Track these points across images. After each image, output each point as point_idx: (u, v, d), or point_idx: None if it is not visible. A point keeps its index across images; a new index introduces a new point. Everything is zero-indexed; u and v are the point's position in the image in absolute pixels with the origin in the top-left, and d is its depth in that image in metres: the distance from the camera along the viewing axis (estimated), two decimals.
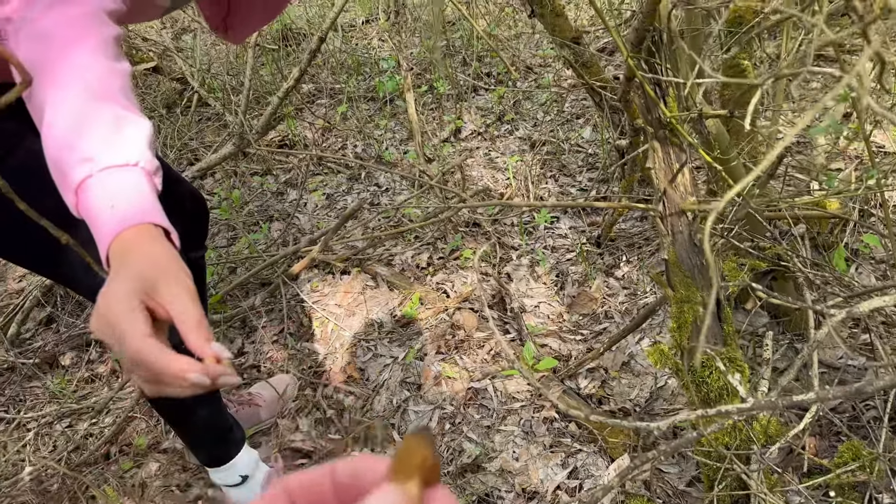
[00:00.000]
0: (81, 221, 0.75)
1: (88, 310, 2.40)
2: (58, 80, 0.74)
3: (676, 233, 1.24)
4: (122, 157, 0.72)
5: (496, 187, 2.63)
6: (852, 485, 1.26)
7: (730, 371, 1.05)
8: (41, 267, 1.25)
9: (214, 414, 1.47)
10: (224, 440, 1.50)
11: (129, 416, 1.94)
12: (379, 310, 2.17)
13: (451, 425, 1.76)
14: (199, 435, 1.48)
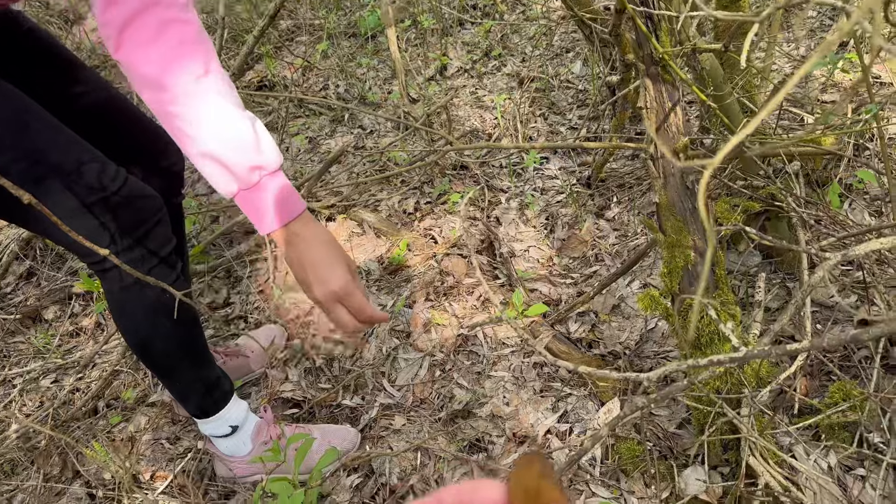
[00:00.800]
0: (49, 179, 1.08)
1: (70, 262, 2.35)
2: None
3: (668, 175, 1.19)
4: (275, 161, 0.97)
5: (484, 127, 2.56)
6: (842, 425, 1.26)
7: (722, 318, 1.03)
8: (15, 218, 1.22)
9: (202, 365, 1.45)
10: (212, 392, 1.48)
11: (116, 370, 1.92)
12: (366, 257, 2.13)
13: (441, 372, 1.75)
14: (186, 387, 1.46)
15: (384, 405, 1.70)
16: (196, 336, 1.42)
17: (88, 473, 1.65)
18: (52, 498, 1.64)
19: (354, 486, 1.55)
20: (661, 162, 1.19)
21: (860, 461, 1.26)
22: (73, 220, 1.14)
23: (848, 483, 1.23)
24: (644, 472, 1.37)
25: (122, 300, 1.31)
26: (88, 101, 1.33)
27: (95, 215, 1.16)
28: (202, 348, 1.46)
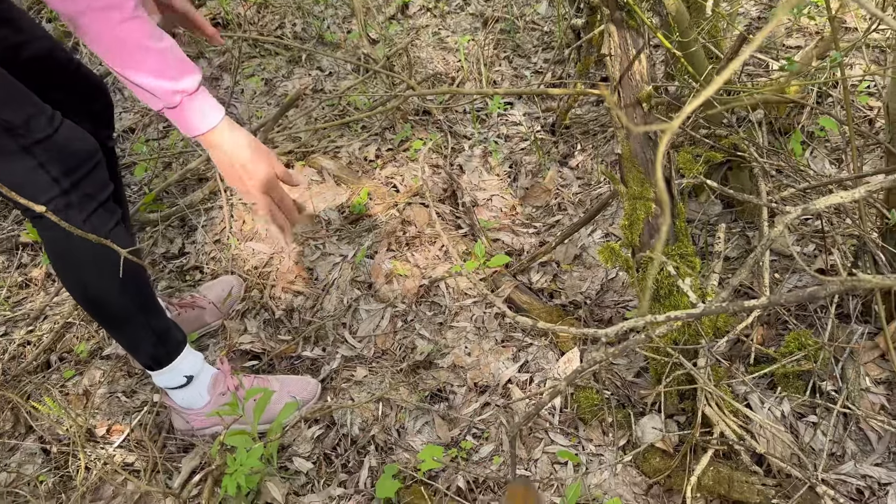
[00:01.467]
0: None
1: (16, 213, 2.25)
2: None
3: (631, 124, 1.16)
4: (192, 85, 1.05)
5: (447, 70, 2.49)
6: (797, 374, 1.28)
7: (681, 274, 1.02)
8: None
9: (150, 314, 1.42)
10: (163, 342, 1.45)
11: (68, 323, 1.86)
12: (325, 206, 2.08)
13: (403, 323, 1.73)
14: (136, 337, 1.43)
15: (346, 357, 1.69)
16: (142, 284, 1.39)
17: (42, 429, 1.62)
18: (4, 454, 1.60)
19: (315, 437, 1.54)
20: (624, 111, 1.16)
21: (812, 409, 1.29)
22: (12, 162, 1.14)
23: (800, 430, 1.26)
24: (602, 420, 1.38)
25: (64, 249, 1.27)
26: (30, 50, 1.29)
27: (35, 156, 1.16)
28: (150, 297, 1.42)
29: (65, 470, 1.56)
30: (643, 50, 1.11)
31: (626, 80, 1.14)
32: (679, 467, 1.24)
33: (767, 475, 1.19)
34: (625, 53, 1.13)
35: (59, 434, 1.61)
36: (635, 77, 1.14)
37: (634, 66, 1.13)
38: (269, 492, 1.44)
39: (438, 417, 1.52)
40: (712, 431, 1.20)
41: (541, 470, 1.36)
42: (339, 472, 1.47)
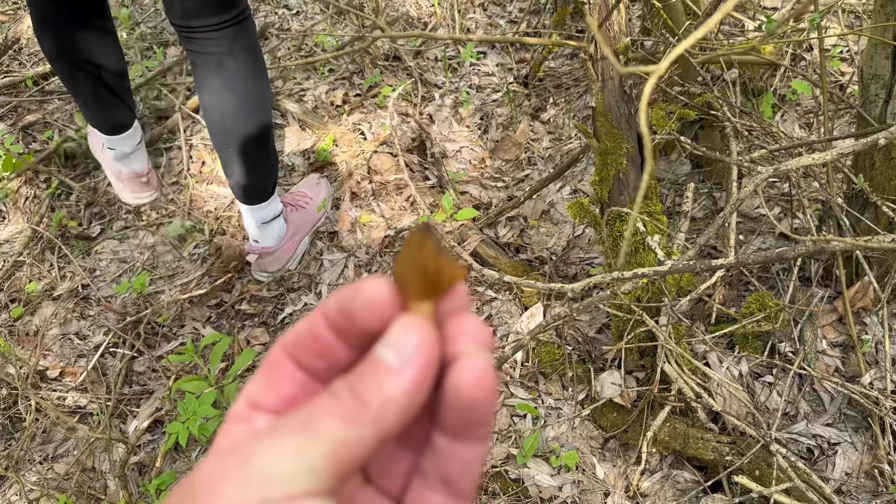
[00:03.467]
0: None
1: None
2: None
3: (607, 79, 1.14)
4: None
5: (419, 15, 2.41)
6: (756, 334, 1.30)
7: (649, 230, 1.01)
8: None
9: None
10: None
11: (18, 261, 1.79)
12: (290, 151, 2.02)
13: (366, 273, 1.71)
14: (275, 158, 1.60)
15: (308, 304, 1.66)
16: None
17: None
18: None
19: None
20: (600, 64, 1.13)
21: (769, 369, 1.31)
22: None
23: (756, 389, 1.28)
24: (562, 374, 1.39)
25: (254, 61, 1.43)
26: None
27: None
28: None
29: (14, 411, 1.52)
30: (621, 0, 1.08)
31: (603, 31, 1.11)
32: (636, 422, 1.25)
33: (722, 433, 1.21)
34: (604, 2, 1.09)
35: (8, 375, 1.57)
36: (613, 28, 1.10)
37: (613, 16, 1.09)
38: None
39: None
40: (670, 388, 1.22)
41: (500, 422, 1.37)
42: None
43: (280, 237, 1.66)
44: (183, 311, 1.68)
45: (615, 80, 1.12)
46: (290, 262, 1.72)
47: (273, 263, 1.69)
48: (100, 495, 1.39)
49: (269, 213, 1.62)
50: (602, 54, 1.11)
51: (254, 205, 1.59)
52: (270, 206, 1.61)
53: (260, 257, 1.68)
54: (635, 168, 1.17)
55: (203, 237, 1.84)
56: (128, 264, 1.81)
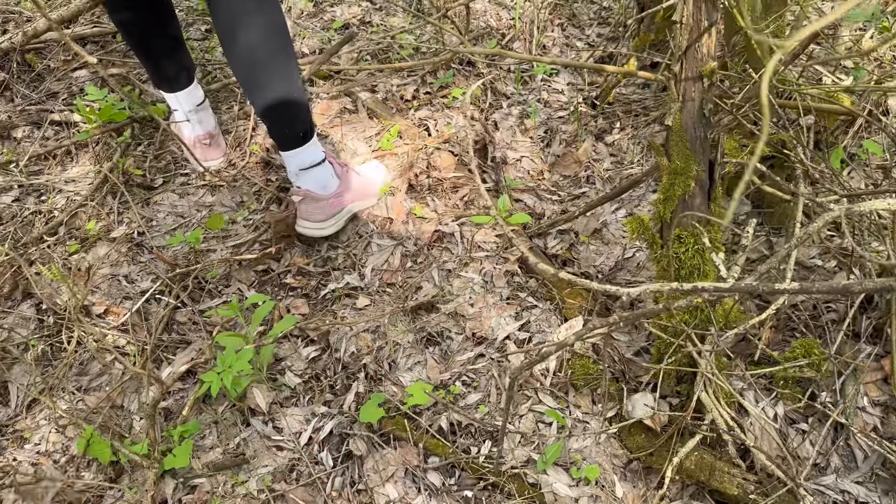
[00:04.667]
0: None
1: (48, 84, 2.23)
2: None
3: (688, 99, 1.14)
4: None
5: (498, 26, 2.45)
6: (796, 379, 1.28)
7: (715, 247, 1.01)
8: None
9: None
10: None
11: (83, 203, 1.85)
12: (354, 136, 2.06)
13: (412, 263, 1.73)
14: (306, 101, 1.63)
15: (350, 284, 1.68)
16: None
17: (40, 296, 1.62)
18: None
19: (309, 357, 1.55)
20: (682, 84, 1.13)
21: (805, 417, 1.29)
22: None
23: (790, 435, 1.26)
24: (594, 389, 1.38)
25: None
26: None
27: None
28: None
29: (56, 339, 1.56)
30: (716, 22, 1.08)
31: (691, 52, 1.11)
32: (663, 447, 1.24)
33: (749, 471, 1.19)
34: (696, 24, 1.10)
35: (56, 305, 1.62)
36: (702, 50, 1.11)
37: (704, 38, 1.10)
38: (254, 397, 1.45)
39: (431, 359, 1.52)
40: (703, 418, 1.20)
41: (524, 425, 1.37)
42: (325, 391, 1.48)
43: (325, 186, 1.71)
44: (231, 271, 1.71)
45: (696, 102, 1.13)
46: (333, 222, 1.75)
47: (316, 212, 1.71)
48: (124, 433, 1.42)
49: (307, 160, 1.68)
50: (686, 74, 1.12)
51: (289, 150, 1.66)
52: (307, 151, 1.66)
53: (304, 201, 1.71)
54: (702, 192, 1.17)
55: (258, 206, 1.88)
56: (184, 219, 1.86)
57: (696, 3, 1.10)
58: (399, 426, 1.36)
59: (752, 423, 1.23)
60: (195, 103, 1.89)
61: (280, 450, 1.38)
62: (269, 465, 1.35)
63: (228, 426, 1.43)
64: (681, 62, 1.12)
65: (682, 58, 1.12)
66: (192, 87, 1.87)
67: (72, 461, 1.39)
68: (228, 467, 1.36)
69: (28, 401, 1.48)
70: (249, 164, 1.99)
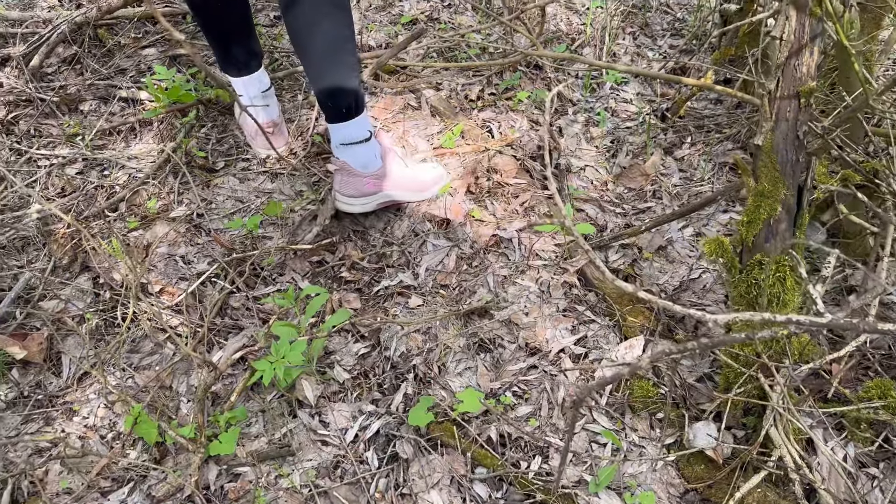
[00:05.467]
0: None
1: (117, 60, 2.26)
2: None
3: (781, 119, 1.09)
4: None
5: (569, 31, 2.40)
6: (870, 422, 1.21)
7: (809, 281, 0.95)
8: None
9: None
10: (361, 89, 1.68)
11: (144, 181, 1.87)
12: (416, 133, 2.04)
13: (467, 266, 1.70)
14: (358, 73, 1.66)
15: (403, 282, 1.66)
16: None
17: (98, 270, 1.63)
18: (56, 285, 1.62)
19: (359, 353, 1.53)
20: (777, 103, 1.08)
21: (877, 462, 1.22)
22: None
23: (859, 478, 1.19)
24: (653, 413, 1.33)
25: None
26: None
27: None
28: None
29: (111, 314, 1.57)
30: (818, 38, 1.03)
31: (789, 70, 1.06)
32: (724, 480, 1.18)
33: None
34: (797, 40, 1.05)
35: (113, 280, 1.63)
36: (801, 69, 1.05)
37: (804, 55, 1.04)
38: (302, 389, 1.43)
39: (482, 366, 1.49)
40: (770, 454, 1.15)
41: (577, 444, 1.32)
42: (374, 389, 1.45)
43: (364, 165, 1.71)
44: (286, 260, 1.71)
45: (790, 123, 1.07)
46: (363, 202, 1.75)
47: (348, 187, 1.72)
48: (171, 414, 1.41)
49: (349, 136, 1.69)
50: (782, 92, 1.06)
51: (333, 123, 1.68)
52: (350, 127, 1.68)
53: (339, 172, 1.72)
54: (789, 218, 1.12)
55: (317, 197, 1.87)
56: (242, 204, 1.86)
57: (800, 18, 1.05)
58: (447, 432, 1.33)
59: (821, 464, 1.17)
60: (261, 89, 1.89)
61: (325, 445, 1.37)
62: (313, 460, 1.34)
63: (275, 416, 1.41)
64: (777, 79, 1.07)
65: (779, 74, 1.06)
66: (260, 73, 1.87)
67: (118, 438, 1.39)
68: (273, 458, 1.34)
69: (79, 374, 1.49)
70: (310, 153, 1.98)
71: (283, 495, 1.29)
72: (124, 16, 2.35)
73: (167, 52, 2.31)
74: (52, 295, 1.60)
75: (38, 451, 1.37)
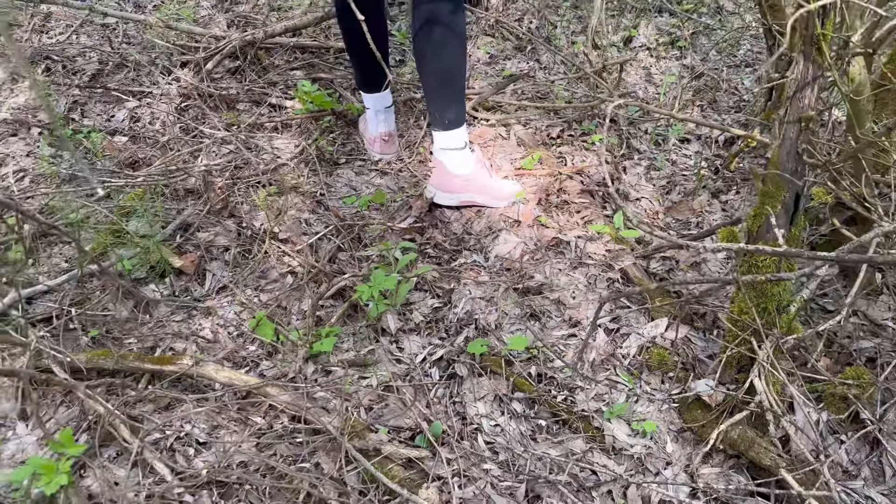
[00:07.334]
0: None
1: (270, 75, 2.80)
2: None
3: (786, 138, 1.43)
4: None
5: (646, 97, 2.80)
6: (843, 397, 1.47)
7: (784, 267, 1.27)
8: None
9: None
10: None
11: (284, 163, 2.34)
12: (502, 156, 2.45)
13: (530, 258, 2.05)
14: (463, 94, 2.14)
15: (476, 261, 2.03)
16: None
17: (242, 217, 2.08)
18: (209, 223, 2.08)
19: (433, 307, 1.89)
20: (784, 126, 1.42)
21: (845, 431, 1.47)
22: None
23: (828, 440, 1.45)
24: (665, 373, 1.63)
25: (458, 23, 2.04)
26: None
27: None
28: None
29: (247, 248, 2.00)
30: (818, 80, 1.38)
31: (795, 101, 1.41)
32: (714, 421, 1.46)
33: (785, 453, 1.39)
34: (803, 78, 1.40)
35: (252, 226, 2.07)
36: (804, 101, 1.40)
37: (806, 91, 1.39)
38: (386, 321, 1.80)
39: (531, 330, 1.82)
40: (753, 401, 1.43)
41: (598, 388, 1.63)
42: (441, 331, 1.81)
43: (457, 167, 2.15)
44: (384, 234, 2.11)
45: (792, 141, 1.41)
46: (447, 197, 2.18)
47: (441, 181, 2.17)
48: (283, 326, 1.80)
49: (449, 142, 2.14)
50: (788, 118, 1.41)
51: (437, 130, 2.13)
52: (451, 136, 2.13)
53: (436, 170, 2.19)
54: (786, 216, 1.44)
55: (415, 193, 2.28)
56: (355, 191, 2.30)
57: (806, 64, 1.40)
58: (496, 364, 1.67)
59: (796, 419, 1.44)
60: (385, 105, 2.36)
61: (399, 363, 1.72)
62: (388, 371, 1.69)
63: (362, 339, 1.78)
64: (786, 107, 1.42)
65: (787, 104, 1.41)
66: (386, 92, 2.35)
67: (241, 335, 1.79)
68: (358, 365, 1.70)
69: (218, 287, 1.91)
70: (413, 161, 2.42)
71: (363, 390, 1.64)
72: (281, 42, 2.92)
73: (310, 75, 2.84)
74: (204, 230, 2.05)
75: (180, 334, 1.78)
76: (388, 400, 1.61)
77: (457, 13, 2.01)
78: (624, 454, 1.48)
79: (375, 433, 1.50)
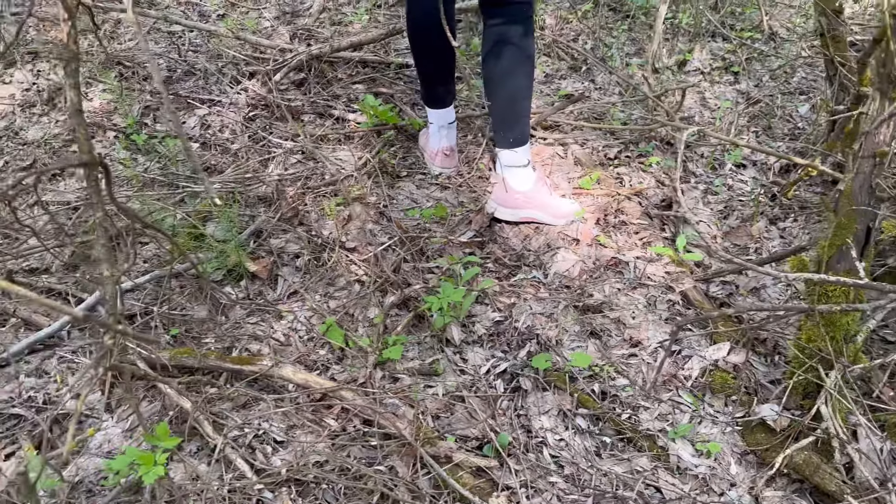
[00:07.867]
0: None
1: (334, 88, 2.89)
2: None
3: (860, 172, 1.46)
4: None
5: (701, 121, 2.83)
6: None
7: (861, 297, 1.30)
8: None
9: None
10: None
11: (349, 175, 2.41)
12: (560, 175, 2.50)
13: (589, 277, 2.09)
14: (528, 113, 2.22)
15: (536, 277, 2.08)
16: None
17: (311, 226, 2.15)
18: (280, 231, 2.15)
19: (495, 320, 1.94)
20: (859, 160, 1.45)
21: None
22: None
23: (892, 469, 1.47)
24: (728, 396, 1.66)
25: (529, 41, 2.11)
26: None
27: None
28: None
29: (317, 256, 2.07)
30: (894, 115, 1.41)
31: (870, 136, 1.44)
32: (778, 445, 1.49)
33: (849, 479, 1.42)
34: (879, 116, 1.43)
35: (321, 235, 2.14)
36: (879, 136, 1.43)
37: (882, 127, 1.42)
38: (450, 332, 1.86)
39: (592, 346, 1.86)
40: (819, 426, 1.45)
41: (662, 408, 1.66)
42: (503, 344, 1.86)
43: (519, 184, 2.21)
44: (446, 247, 2.17)
45: (866, 175, 1.44)
46: (507, 212, 2.25)
47: (502, 197, 2.24)
48: (352, 333, 1.87)
49: (512, 160, 2.21)
50: (863, 152, 1.44)
51: (502, 148, 2.21)
52: (514, 154, 2.20)
53: (498, 186, 2.25)
54: (858, 247, 1.47)
55: (474, 208, 2.34)
56: (416, 204, 2.36)
57: (883, 101, 1.44)
58: (560, 379, 1.71)
59: (860, 447, 1.46)
60: (448, 121, 2.43)
61: (463, 373, 1.77)
62: (453, 382, 1.74)
63: (427, 349, 1.84)
64: (860, 142, 1.45)
65: (862, 139, 1.45)
66: (450, 109, 2.41)
67: (312, 339, 1.86)
68: (424, 374, 1.76)
69: (290, 292, 1.98)
70: (473, 176, 2.48)
71: (429, 398, 1.69)
72: (345, 57, 3.00)
73: (372, 89, 2.92)
74: (276, 236, 2.13)
75: (256, 336, 1.85)
76: (455, 409, 1.66)
77: (528, 36, 2.07)
78: (688, 474, 1.51)
79: (444, 441, 1.55)
